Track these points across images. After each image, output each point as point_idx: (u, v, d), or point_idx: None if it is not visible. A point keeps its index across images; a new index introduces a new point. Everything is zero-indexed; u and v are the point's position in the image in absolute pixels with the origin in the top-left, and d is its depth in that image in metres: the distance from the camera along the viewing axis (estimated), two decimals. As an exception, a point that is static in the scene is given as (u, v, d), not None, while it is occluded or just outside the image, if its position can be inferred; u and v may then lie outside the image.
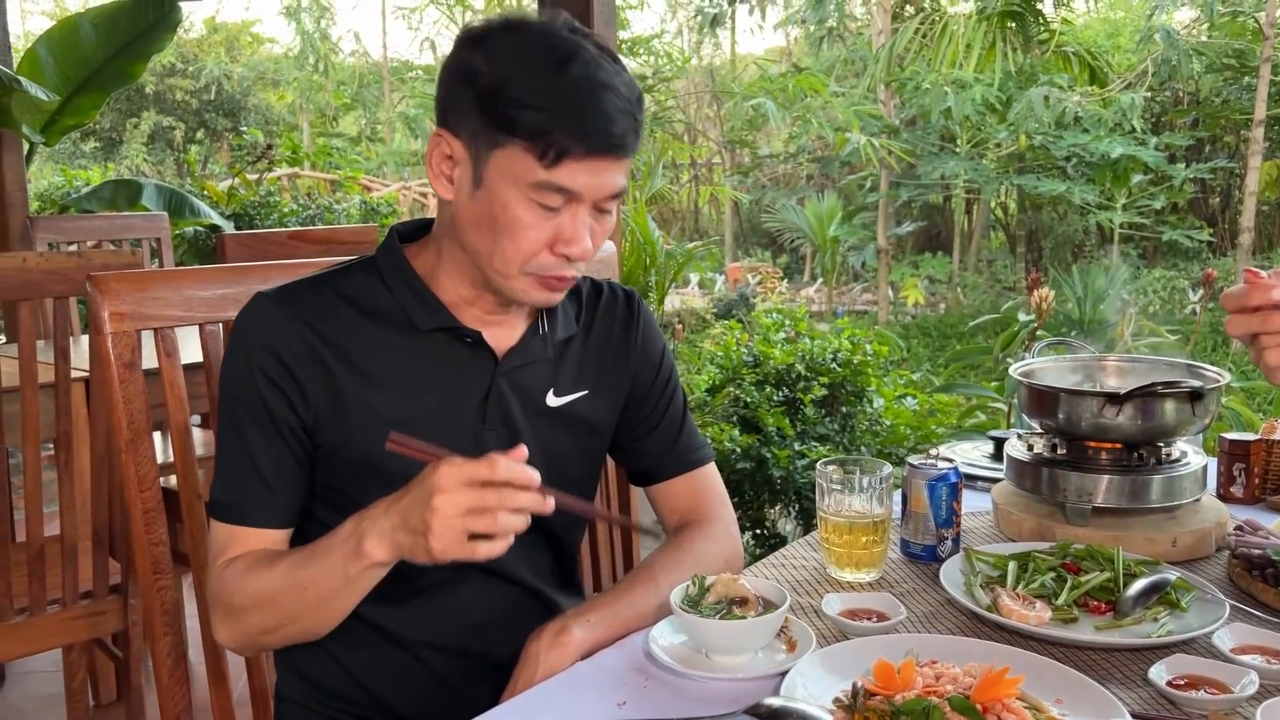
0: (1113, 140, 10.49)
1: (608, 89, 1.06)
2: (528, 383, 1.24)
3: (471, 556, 0.97)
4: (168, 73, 15.56)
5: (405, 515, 0.99)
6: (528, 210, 1.08)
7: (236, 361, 1.16)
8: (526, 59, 1.05)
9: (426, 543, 0.96)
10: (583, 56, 1.06)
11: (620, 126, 1.06)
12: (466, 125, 1.09)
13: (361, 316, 1.17)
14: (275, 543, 1.17)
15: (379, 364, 1.17)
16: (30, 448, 2.03)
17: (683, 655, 1.09)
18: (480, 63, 1.06)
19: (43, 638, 2.12)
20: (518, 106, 1.04)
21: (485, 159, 1.08)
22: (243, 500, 1.15)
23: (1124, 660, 1.09)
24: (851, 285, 14.57)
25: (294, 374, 1.14)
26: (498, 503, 0.96)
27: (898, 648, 1.05)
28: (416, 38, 28.48)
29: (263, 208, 5.55)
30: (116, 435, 1.38)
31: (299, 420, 1.15)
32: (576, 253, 1.10)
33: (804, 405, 3.59)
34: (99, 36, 4.51)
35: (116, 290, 1.40)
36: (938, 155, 12.15)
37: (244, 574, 1.11)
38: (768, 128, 15.75)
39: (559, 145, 1.04)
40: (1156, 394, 1.34)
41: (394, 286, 1.19)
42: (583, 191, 1.08)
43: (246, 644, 1.18)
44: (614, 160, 1.08)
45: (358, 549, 1.02)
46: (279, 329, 1.14)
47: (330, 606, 1.08)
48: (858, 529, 1.30)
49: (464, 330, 1.19)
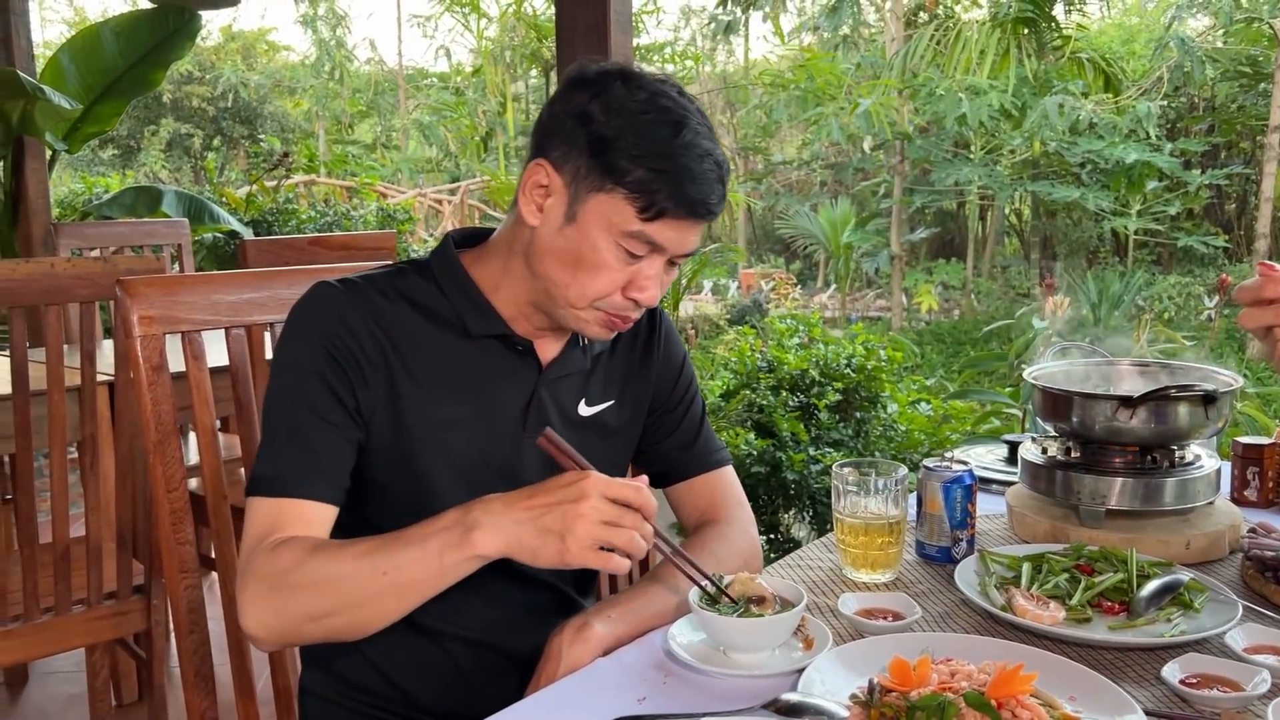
0: (1127, 146, 10.47)
1: (710, 158, 1.14)
2: (564, 393, 1.29)
3: (604, 566, 1.01)
4: (185, 80, 15.68)
5: (540, 516, 1.00)
6: (613, 254, 1.14)
7: (300, 341, 1.18)
8: (643, 116, 1.12)
9: (562, 543, 0.99)
10: (692, 124, 1.13)
11: (715, 195, 1.14)
12: (572, 164, 1.14)
13: (419, 316, 1.21)
14: (323, 519, 1.14)
15: (431, 364, 1.20)
16: (56, 450, 2.06)
17: (701, 652, 1.11)
18: (597, 110, 1.12)
19: (67, 637, 2.15)
20: (630, 160, 1.10)
21: (584, 199, 1.13)
22: (293, 474, 1.13)
23: (1137, 659, 1.11)
24: (865, 291, 14.58)
25: (358, 360, 1.17)
26: (632, 523, 1.01)
27: (913, 646, 1.07)
28: (431, 45, 28.62)
29: (280, 214, 5.59)
30: (144, 437, 1.41)
31: (356, 405, 1.17)
32: (646, 299, 1.17)
33: (818, 410, 3.60)
34: (120, 45, 4.57)
35: (145, 294, 1.43)
36: (951, 161, 12.15)
37: (308, 552, 1.07)
38: (781, 134, 15.78)
39: (660, 204, 1.11)
40: (1170, 397, 1.35)
41: (449, 291, 1.23)
42: (667, 246, 1.15)
43: (281, 631, 1.09)
44: (700, 223, 1.16)
45: (464, 539, 1.02)
46: (349, 315, 1.18)
47: (403, 595, 1.05)
48: (873, 530, 1.32)
49: (516, 338, 1.24)
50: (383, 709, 1.28)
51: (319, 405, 1.15)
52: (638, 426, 1.38)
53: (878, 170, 13.82)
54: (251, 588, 1.08)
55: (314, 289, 1.21)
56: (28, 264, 1.95)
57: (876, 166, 13.92)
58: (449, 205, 10.53)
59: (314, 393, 1.15)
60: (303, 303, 1.20)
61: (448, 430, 1.20)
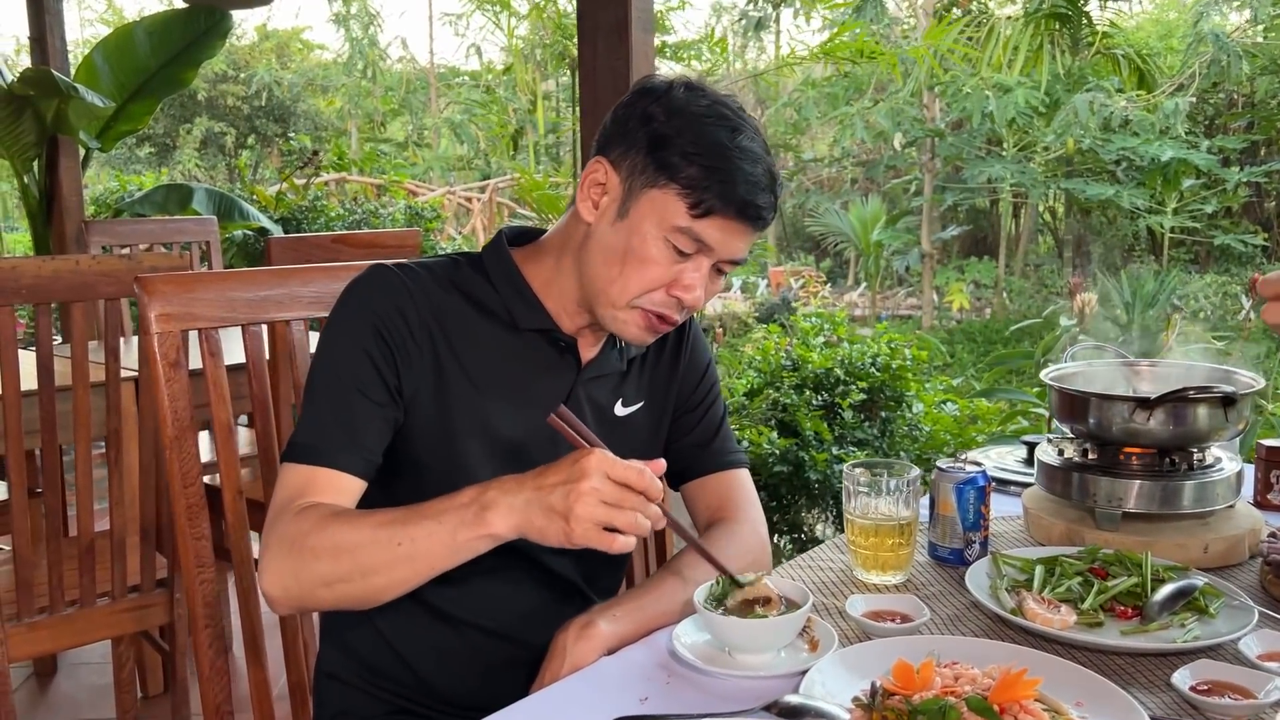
0: (1163, 144, 10.33)
1: (763, 165, 1.17)
2: (600, 393, 1.32)
3: (608, 547, 1.00)
4: (220, 79, 15.84)
5: (546, 495, 1.01)
6: (661, 249, 1.17)
7: (352, 318, 1.21)
8: (703, 118, 1.16)
9: (565, 525, 0.99)
10: (749, 132, 1.18)
11: (764, 200, 1.17)
12: (630, 161, 1.18)
13: (469, 307, 1.25)
14: (353, 490, 1.16)
15: (477, 353, 1.23)
16: (82, 445, 2.09)
17: (705, 653, 1.10)
18: (659, 112, 1.17)
19: (92, 630, 2.18)
20: (684, 156, 1.14)
21: (638, 195, 1.17)
22: (328, 443, 1.16)
23: (1149, 665, 1.09)
24: (896, 290, 14.48)
25: (406, 342, 1.19)
26: (635, 504, 1.01)
27: (919, 649, 1.06)
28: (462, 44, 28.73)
29: (310, 212, 5.64)
30: (162, 432, 1.42)
31: (399, 385, 1.19)
32: (690, 300, 1.20)
33: (842, 410, 3.58)
34: (152, 44, 4.62)
35: (163, 292, 1.44)
36: (983, 159, 12.04)
37: (328, 519, 1.09)
38: (812, 132, 15.70)
39: (710, 201, 1.14)
40: (1188, 399, 1.33)
41: (499, 285, 1.26)
42: (715, 247, 1.18)
43: (297, 592, 1.10)
44: (749, 228, 1.19)
45: (479, 517, 1.03)
46: (401, 298, 1.21)
47: (415, 567, 1.07)
48: (884, 531, 1.31)
49: (560, 335, 1.27)
50: (397, 694, 1.30)
51: (362, 381, 1.18)
52: (665, 428, 1.41)
53: (910, 168, 13.72)
54: (273, 549, 1.11)
55: (371, 269, 1.24)
56: (54, 261, 1.98)
57: (908, 164, 13.82)
58: (478, 203, 10.57)
59: (359, 369, 1.18)
60: (358, 281, 1.24)
61: (489, 418, 1.23)
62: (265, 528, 1.14)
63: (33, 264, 1.96)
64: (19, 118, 4.16)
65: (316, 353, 1.23)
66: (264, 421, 1.53)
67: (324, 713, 1.32)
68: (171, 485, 1.43)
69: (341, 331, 1.21)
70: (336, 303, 1.24)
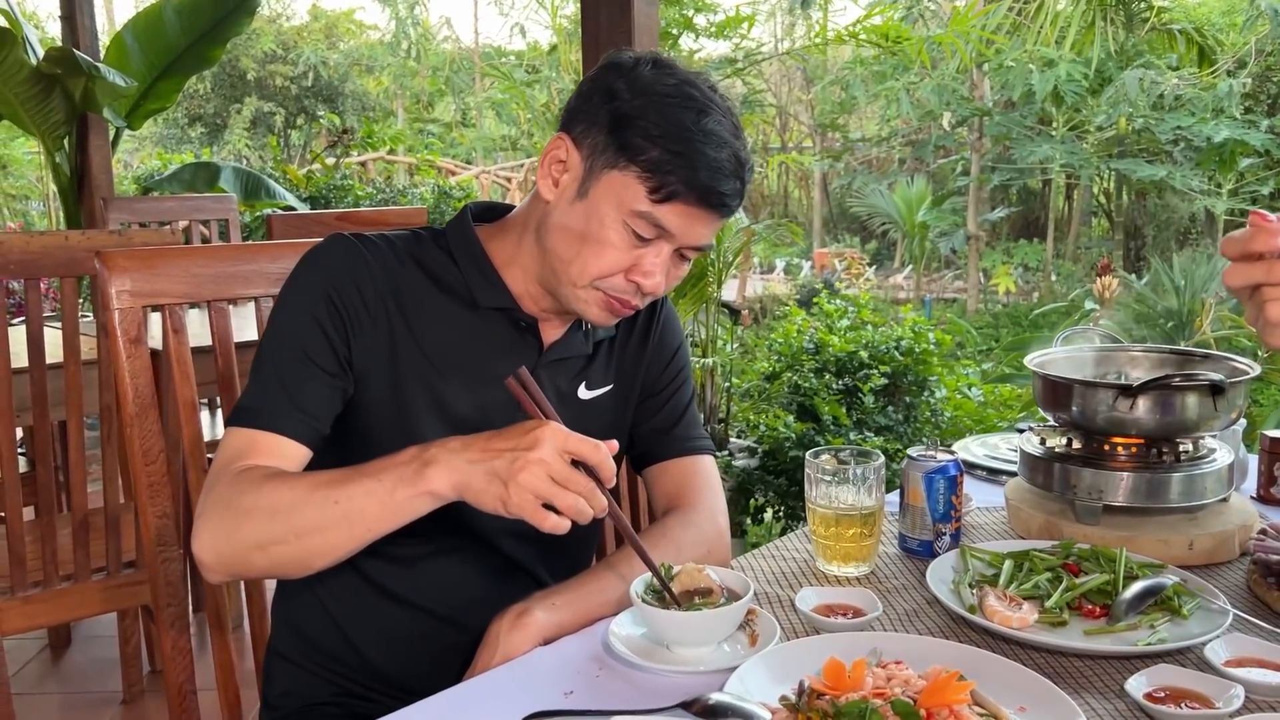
0: (1219, 123, 10.00)
1: (729, 149, 1.12)
2: (562, 376, 1.28)
3: (540, 524, 0.97)
4: (269, 59, 15.98)
5: (492, 459, 0.97)
6: (619, 233, 1.13)
7: (304, 285, 1.18)
8: (667, 98, 1.11)
9: (504, 491, 0.96)
10: (716, 114, 1.12)
11: (728, 187, 1.12)
12: (591, 139, 1.14)
13: (428, 281, 1.21)
14: (296, 456, 1.13)
15: (433, 329, 1.20)
16: (73, 420, 2.09)
17: (640, 646, 1.06)
18: (623, 88, 1.12)
19: (86, 604, 2.19)
20: (646, 137, 1.10)
21: (598, 174, 1.13)
22: (271, 407, 1.13)
23: (1109, 668, 1.03)
24: (943, 272, 14.24)
25: (360, 313, 1.17)
26: (581, 487, 0.97)
27: (863, 646, 1.01)
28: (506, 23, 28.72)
29: (338, 190, 5.66)
30: (122, 409, 1.41)
31: (349, 355, 1.17)
32: (649, 286, 1.16)
33: (862, 394, 3.51)
34: (181, 23, 4.64)
35: (124, 267, 1.42)
36: (1033, 139, 11.76)
37: (264, 479, 1.06)
38: (860, 111, 15.47)
39: (671, 186, 1.10)
40: (1173, 387, 1.26)
41: (461, 262, 1.23)
42: (676, 233, 1.14)
43: (230, 555, 1.06)
44: (712, 215, 1.14)
45: (419, 474, 1.00)
46: (357, 267, 1.18)
47: (351, 529, 1.02)
48: (844, 521, 1.25)
49: (520, 315, 1.23)
50: (343, 675, 1.28)
51: (311, 348, 1.15)
52: (630, 410, 1.36)
53: (960, 148, 13.45)
54: (206, 512, 1.08)
55: (328, 239, 1.22)
56: (42, 236, 1.98)
57: (957, 144, 13.55)
58: (515, 182, 10.56)
59: (308, 336, 1.15)
60: (314, 250, 1.21)
61: (444, 397, 1.20)
62: (202, 491, 1.11)
63: (20, 239, 1.96)
64: (48, 96, 4.20)
65: (269, 318, 1.21)
66: (230, 401, 1.51)
67: (271, 690, 1.31)
68: (133, 463, 1.42)
69: (293, 298, 1.18)
70: (292, 271, 1.21)
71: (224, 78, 15.66)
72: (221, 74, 15.41)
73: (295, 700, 1.27)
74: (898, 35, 4.78)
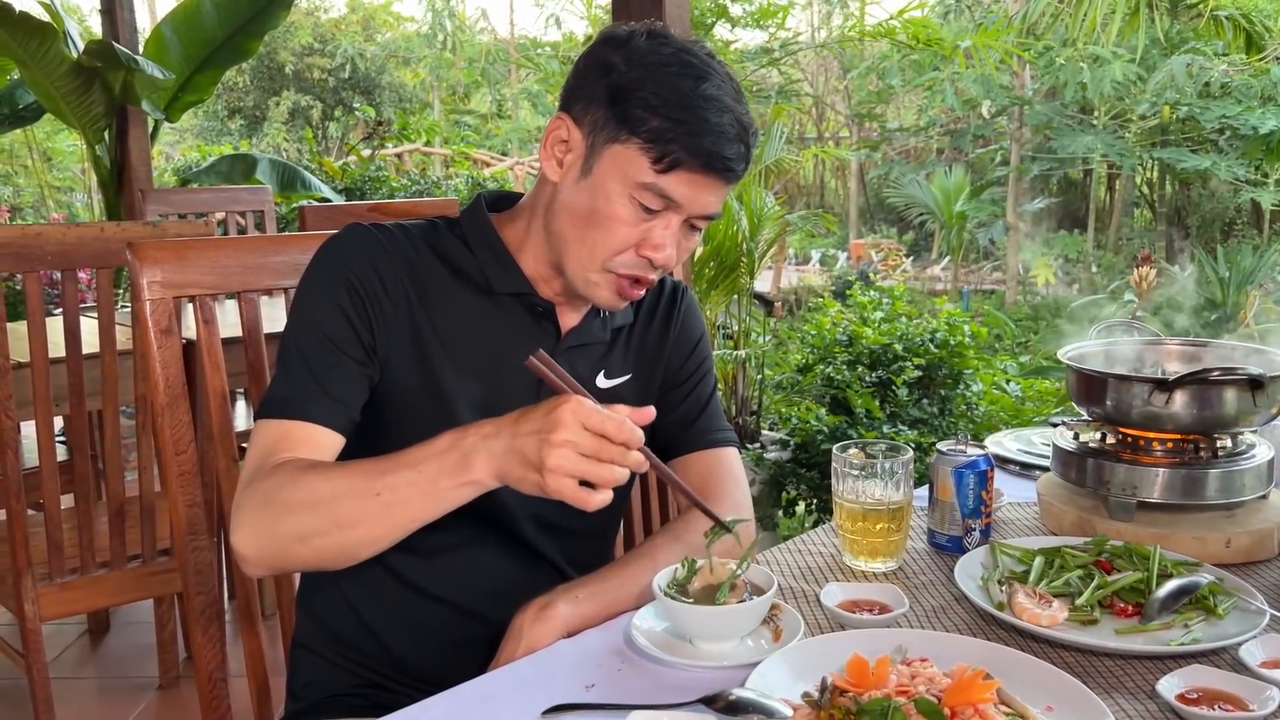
0: (1266, 112, 9.78)
1: (731, 114, 1.10)
2: (582, 363, 1.28)
3: (584, 504, 0.95)
4: (306, 52, 16.09)
5: (520, 445, 0.96)
6: (626, 207, 1.12)
7: (324, 273, 1.18)
8: (665, 68, 1.10)
9: (540, 479, 0.94)
10: (715, 80, 1.11)
11: (733, 151, 1.11)
12: (591, 116, 1.13)
13: (445, 270, 1.22)
14: (330, 444, 1.12)
15: (453, 318, 1.20)
16: (110, 410, 2.12)
17: (663, 641, 1.05)
18: (619, 60, 1.11)
19: (123, 591, 2.23)
20: (645, 108, 1.09)
21: (600, 150, 1.12)
22: (301, 396, 1.12)
23: (1140, 669, 1.01)
24: (981, 264, 14.08)
25: (381, 299, 1.17)
26: (611, 456, 0.94)
27: (888, 643, 1.00)
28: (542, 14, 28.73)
29: (373, 182, 5.69)
30: (153, 400, 1.42)
31: (373, 342, 1.17)
32: (660, 259, 1.14)
33: (896, 387, 3.48)
34: (218, 16, 4.69)
35: (155, 258, 1.43)
36: (1074, 129, 11.58)
37: (302, 471, 1.05)
38: (897, 100, 15.31)
39: (675, 154, 1.09)
40: (1210, 381, 1.23)
41: (476, 249, 1.23)
42: (683, 202, 1.12)
43: (271, 549, 1.06)
44: (719, 181, 1.13)
45: (462, 463, 0.98)
46: (376, 255, 1.18)
47: (394, 519, 1.02)
48: (871, 516, 1.24)
49: (537, 300, 1.23)
50: (366, 667, 1.28)
51: (335, 335, 1.15)
52: (651, 401, 1.34)
53: (999, 137, 13.28)
54: (246, 505, 1.07)
55: (347, 227, 1.22)
56: (78, 228, 2.01)
57: (997, 133, 13.38)
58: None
59: (332, 323, 1.15)
60: (333, 239, 1.21)
61: (466, 381, 1.20)
62: (239, 485, 1.11)
63: (57, 231, 1.98)
64: (88, 89, 4.26)
65: (290, 310, 1.21)
66: (261, 391, 1.52)
67: (296, 681, 1.31)
68: (163, 453, 1.43)
69: (314, 287, 1.18)
70: (311, 260, 1.21)
71: (262, 71, 15.80)
72: (260, 67, 15.54)
73: (319, 691, 1.28)
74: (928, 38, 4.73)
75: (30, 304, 1.97)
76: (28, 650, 2.14)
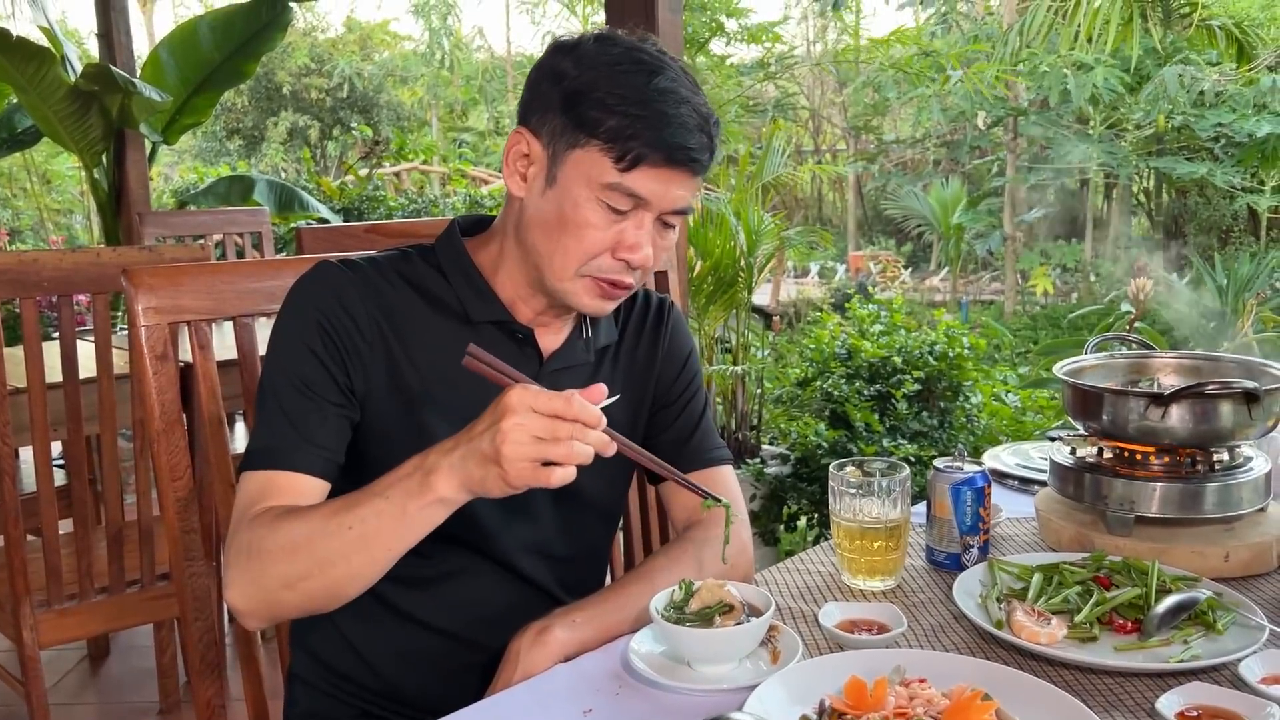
0: (1260, 119, 9.81)
1: (689, 105, 1.10)
2: (567, 386, 1.24)
3: (546, 483, 0.94)
4: (304, 73, 16.15)
5: (475, 443, 0.96)
6: (595, 211, 1.11)
7: (296, 316, 1.17)
8: (616, 67, 1.10)
9: (500, 470, 0.94)
10: (669, 74, 1.11)
11: (696, 141, 1.10)
12: (548, 125, 1.12)
13: (422, 301, 1.20)
14: (313, 491, 1.12)
15: (431, 349, 1.19)
16: (107, 435, 2.12)
17: (660, 664, 1.05)
18: (569, 66, 1.11)
19: (122, 616, 2.23)
20: (601, 109, 1.08)
21: (562, 158, 1.12)
22: (282, 445, 1.12)
23: (1140, 686, 1.00)
24: (980, 274, 14.08)
25: (355, 341, 1.16)
26: (569, 433, 0.94)
27: (887, 664, 1.00)
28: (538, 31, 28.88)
29: (370, 201, 5.70)
30: (149, 425, 1.42)
31: (349, 383, 1.16)
32: (637, 259, 1.13)
33: (895, 400, 3.47)
34: (215, 38, 4.70)
35: (150, 284, 1.43)
36: (1069, 138, 11.61)
37: (279, 518, 1.05)
38: (894, 112, 15.35)
39: (636, 151, 1.08)
40: (1206, 394, 1.23)
41: (451, 276, 1.21)
42: (651, 199, 1.11)
43: (262, 601, 1.07)
44: (686, 174, 1.12)
45: (424, 484, 0.98)
46: (347, 294, 1.17)
47: (371, 551, 1.01)
48: (870, 534, 1.23)
49: (515, 326, 1.22)
50: (365, 699, 1.27)
51: (311, 380, 1.14)
52: (642, 420, 1.34)
53: (995, 148, 13.31)
54: (232, 560, 1.08)
55: (315, 266, 1.20)
56: (74, 254, 2.01)
57: (993, 144, 13.41)
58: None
59: (306, 367, 1.14)
60: (302, 279, 1.20)
61: (449, 413, 1.17)
62: (226, 540, 1.11)
63: (53, 257, 1.99)
64: (86, 113, 4.27)
65: (266, 353, 1.20)
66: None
67: (293, 712, 1.31)
68: (159, 479, 1.43)
69: (286, 331, 1.17)
70: (283, 303, 1.20)
71: (260, 91, 15.85)
72: (258, 88, 15.60)
73: (317, 721, 1.27)
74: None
75: (27, 329, 1.97)
76: (26, 677, 2.13)
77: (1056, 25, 9.80)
